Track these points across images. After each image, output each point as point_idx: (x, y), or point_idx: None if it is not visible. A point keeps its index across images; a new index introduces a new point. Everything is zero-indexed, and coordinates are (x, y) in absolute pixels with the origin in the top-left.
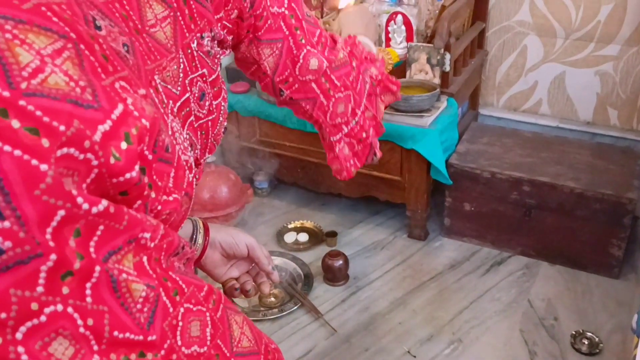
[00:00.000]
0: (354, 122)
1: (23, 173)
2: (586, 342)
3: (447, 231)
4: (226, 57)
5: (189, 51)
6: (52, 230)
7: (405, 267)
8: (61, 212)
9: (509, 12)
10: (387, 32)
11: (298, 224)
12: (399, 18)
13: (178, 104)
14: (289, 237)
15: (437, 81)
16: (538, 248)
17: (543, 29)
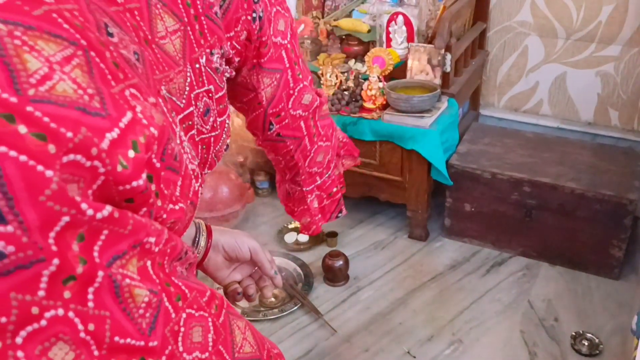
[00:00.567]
0: (327, 176)
1: (27, 179)
2: (586, 343)
3: (448, 232)
4: None
5: (197, 66)
6: (55, 235)
7: (405, 268)
8: (65, 219)
9: (510, 13)
10: (388, 33)
11: (298, 224)
12: (400, 18)
13: (180, 117)
14: (290, 237)
15: (438, 82)
16: (538, 249)
17: (544, 30)
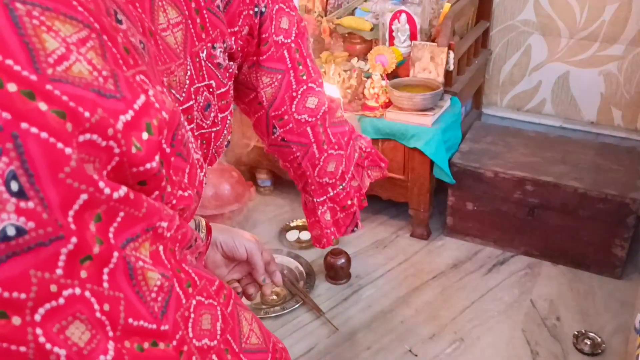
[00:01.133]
0: (341, 187)
1: (48, 155)
2: (588, 343)
3: (450, 230)
4: None
5: (197, 59)
6: (74, 213)
7: (407, 266)
8: (84, 196)
9: (514, 11)
10: (391, 31)
11: (300, 222)
12: (403, 17)
13: (180, 110)
14: (292, 235)
15: (441, 80)
16: (541, 248)
17: (547, 29)
